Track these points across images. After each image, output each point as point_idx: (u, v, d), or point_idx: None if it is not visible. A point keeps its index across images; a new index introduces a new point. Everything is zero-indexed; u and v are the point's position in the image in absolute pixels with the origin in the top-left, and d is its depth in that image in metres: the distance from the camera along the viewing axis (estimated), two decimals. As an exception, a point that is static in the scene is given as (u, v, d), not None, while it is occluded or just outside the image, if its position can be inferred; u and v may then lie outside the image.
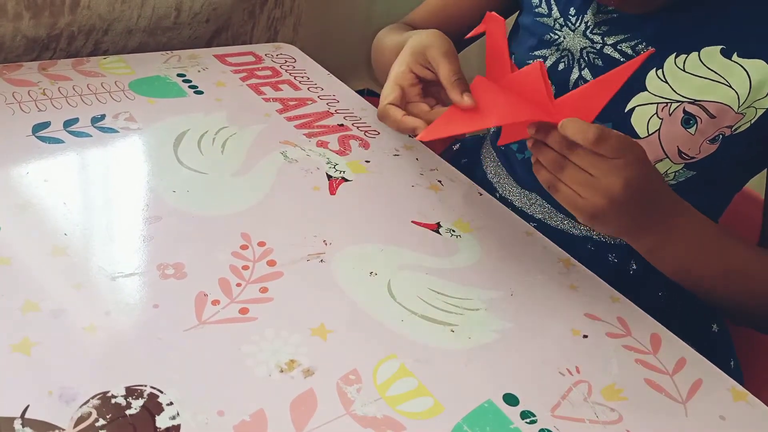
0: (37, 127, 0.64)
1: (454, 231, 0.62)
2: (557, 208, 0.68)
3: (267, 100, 0.77)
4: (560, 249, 0.62)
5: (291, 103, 0.77)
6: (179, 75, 0.78)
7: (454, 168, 0.72)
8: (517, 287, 0.57)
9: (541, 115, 0.49)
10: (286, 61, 0.87)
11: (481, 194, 0.69)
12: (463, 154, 0.82)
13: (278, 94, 0.79)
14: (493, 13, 0.53)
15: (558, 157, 0.48)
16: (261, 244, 0.55)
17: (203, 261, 0.52)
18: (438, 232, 0.62)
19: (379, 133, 0.75)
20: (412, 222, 0.62)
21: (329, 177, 0.66)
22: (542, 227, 0.67)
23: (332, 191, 0.64)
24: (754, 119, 0.56)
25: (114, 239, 0.53)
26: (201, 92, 0.76)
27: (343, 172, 0.67)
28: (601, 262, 0.65)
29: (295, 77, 0.84)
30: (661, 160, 0.59)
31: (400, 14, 0.86)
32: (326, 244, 0.57)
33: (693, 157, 0.58)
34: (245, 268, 0.52)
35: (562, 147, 0.47)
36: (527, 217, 0.69)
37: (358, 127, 0.75)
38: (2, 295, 0.46)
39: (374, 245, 0.58)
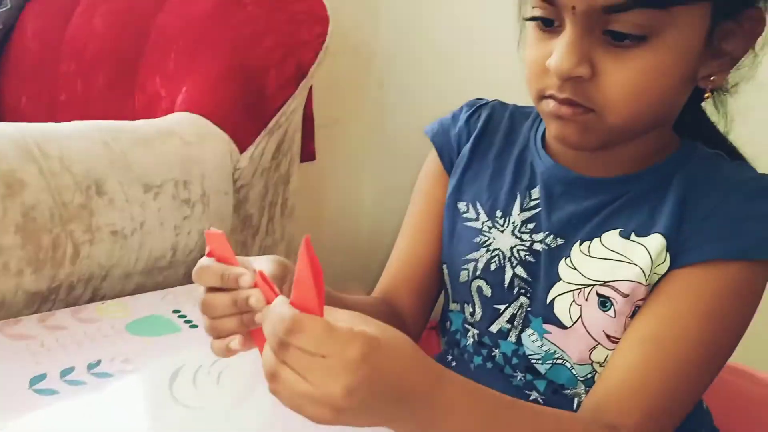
0: (34, 380, 0.65)
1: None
2: None
3: (261, 326, 0.79)
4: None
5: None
6: (174, 311, 0.81)
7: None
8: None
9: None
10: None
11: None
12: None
13: (272, 319, 0.81)
14: (210, 230, 0.51)
15: (274, 359, 0.41)
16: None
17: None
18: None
19: (373, 347, 0.76)
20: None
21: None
22: None
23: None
24: (655, 284, 0.58)
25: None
26: (196, 326, 0.78)
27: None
28: None
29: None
30: (595, 348, 0.60)
31: (388, 227, 0.91)
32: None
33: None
34: None
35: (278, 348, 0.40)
36: None
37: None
38: None
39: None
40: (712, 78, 0.57)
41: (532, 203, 0.64)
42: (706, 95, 0.60)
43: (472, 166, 0.69)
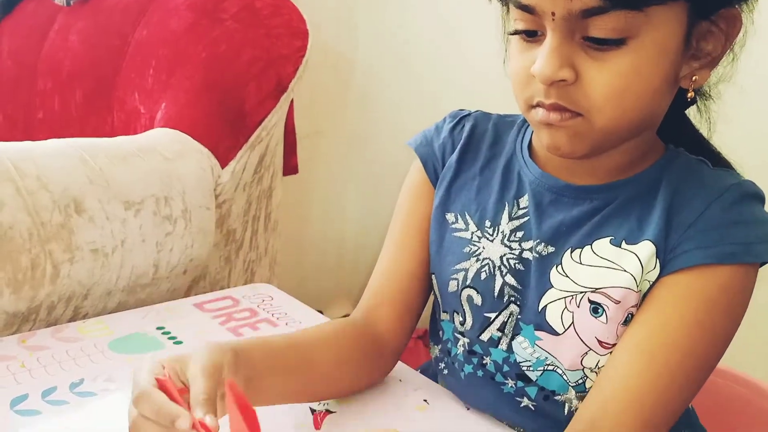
0: (15, 401, 0.64)
1: (447, 451, 0.60)
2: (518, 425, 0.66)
3: (246, 341, 0.78)
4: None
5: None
6: (158, 328, 0.80)
7: (437, 385, 0.71)
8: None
9: None
10: (263, 300, 0.90)
11: (468, 409, 0.67)
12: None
13: (257, 333, 0.80)
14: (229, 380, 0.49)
15: None
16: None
17: None
18: (431, 455, 0.60)
19: (359, 359, 0.75)
20: (403, 448, 0.60)
21: (312, 411, 0.64)
22: None
23: (317, 425, 0.62)
24: (646, 291, 0.58)
25: None
26: (180, 342, 0.77)
27: (327, 403, 0.66)
28: None
29: (272, 314, 0.86)
30: (586, 354, 0.60)
31: (372, 239, 0.91)
32: (315, 485, 0.54)
33: (614, 344, 0.59)
34: None
35: None
36: None
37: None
38: None
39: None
40: (694, 78, 0.57)
41: (521, 212, 0.64)
42: (689, 95, 0.60)
43: (459, 177, 0.69)
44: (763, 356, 1.03)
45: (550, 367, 0.61)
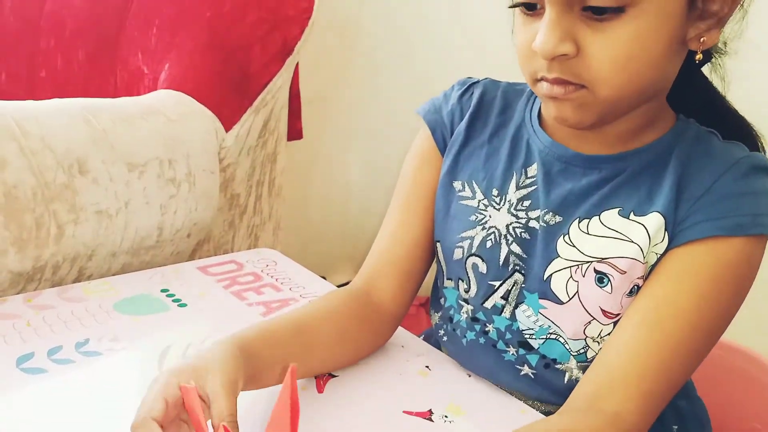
0: (21, 359, 0.64)
1: (447, 417, 0.61)
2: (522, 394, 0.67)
3: (250, 305, 0.78)
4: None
5: (274, 305, 0.79)
6: (163, 290, 0.80)
7: (439, 351, 0.72)
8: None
9: None
10: (267, 265, 0.90)
11: (469, 375, 0.68)
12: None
13: (261, 297, 0.80)
14: (184, 385, 0.50)
15: None
16: (250, 454, 0.53)
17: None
18: (431, 420, 0.60)
19: (362, 324, 0.76)
20: (404, 412, 0.61)
21: (315, 375, 0.65)
22: None
23: (320, 389, 0.63)
24: (653, 263, 0.58)
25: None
26: (185, 305, 0.77)
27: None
28: None
29: (276, 279, 0.86)
30: (590, 323, 0.60)
31: (376, 205, 0.91)
32: (318, 447, 0.55)
33: (618, 314, 0.59)
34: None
35: None
36: None
37: (341, 321, 0.76)
38: None
39: (368, 442, 0.56)
40: (702, 39, 0.56)
41: (528, 181, 0.64)
42: (698, 57, 0.59)
43: (468, 145, 0.69)
44: (765, 330, 1.04)
45: (553, 336, 0.62)
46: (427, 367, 0.69)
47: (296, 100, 1.35)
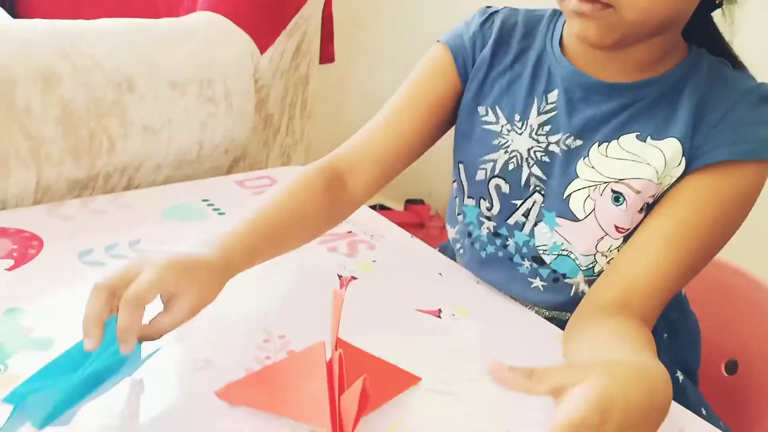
0: (83, 254, 0.73)
1: (454, 315, 0.69)
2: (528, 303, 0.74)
3: (281, 215, 0.86)
4: (554, 326, 0.68)
5: (303, 215, 0.86)
6: (204, 200, 0.88)
7: (451, 260, 0.79)
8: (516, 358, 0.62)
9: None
10: (297, 181, 0.97)
11: (477, 282, 0.75)
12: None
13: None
14: (336, 291, 0.56)
15: None
16: (281, 337, 0.62)
17: (232, 354, 0.59)
18: (439, 317, 0.68)
19: (384, 236, 0.83)
20: (416, 310, 0.69)
21: (339, 276, 0.73)
22: None
23: (342, 287, 0.71)
24: (668, 186, 0.64)
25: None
26: (223, 213, 0.85)
27: (352, 271, 0.74)
28: None
29: (306, 194, 0.93)
30: (602, 239, 0.67)
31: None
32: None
33: (628, 229, 0.66)
34: (268, 358, 0.59)
35: None
36: None
37: (365, 233, 0.83)
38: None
39: (384, 334, 0.64)
40: None
41: (549, 107, 0.69)
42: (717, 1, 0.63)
43: (492, 71, 0.73)
44: (761, 249, 1.09)
45: (565, 252, 0.68)
46: (439, 274, 0.76)
47: (329, 23, 1.38)
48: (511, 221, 0.71)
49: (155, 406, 0.53)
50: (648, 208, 0.65)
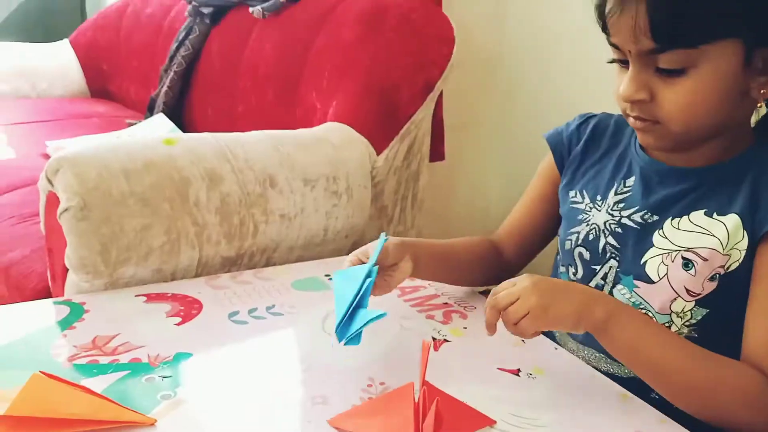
0: (231, 314, 0.92)
1: (531, 374, 0.80)
2: (604, 355, 0.83)
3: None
4: (618, 386, 0.77)
5: (407, 289, 1.02)
6: (326, 275, 1.06)
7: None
8: (582, 412, 0.72)
9: None
10: (405, 262, 1.13)
11: (556, 349, 0.86)
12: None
13: (405, 283, 1.03)
14: (425, 341, 0.74)
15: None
16: (381, 383, 0.76)
17: (343, 394, 0.74)
18: (518, 375, 0.80)
19: (475, 308, 0.96)
20: (498, 368, 0.81)
21: (434, 339, 0.87)
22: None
23: (436, 348, 0.85)
24: (740, 260, 0.73)
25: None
26: (341, 286, 1.02)
27: (445, 335, 0.88)
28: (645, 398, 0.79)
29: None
30: (675, 300, 0.77)
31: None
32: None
33: (698, 293, 0.75)
34: (369, 398, 0.73)
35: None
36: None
37: (458, 304, 0.97)
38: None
39: (465, 385, 0.77)
40: (762, 91, 0.72)
41: (625, 189, 0.84)
42: (759, 105, 0.75)
43: (583, 164, 0.91)
44: None
45: (643, 311, 0.79)
46: (523, 341, 0.88)
47: (440, 125, 1.57)
48: (592, 284, 0.84)
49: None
50: (721, 279, 0.74)
